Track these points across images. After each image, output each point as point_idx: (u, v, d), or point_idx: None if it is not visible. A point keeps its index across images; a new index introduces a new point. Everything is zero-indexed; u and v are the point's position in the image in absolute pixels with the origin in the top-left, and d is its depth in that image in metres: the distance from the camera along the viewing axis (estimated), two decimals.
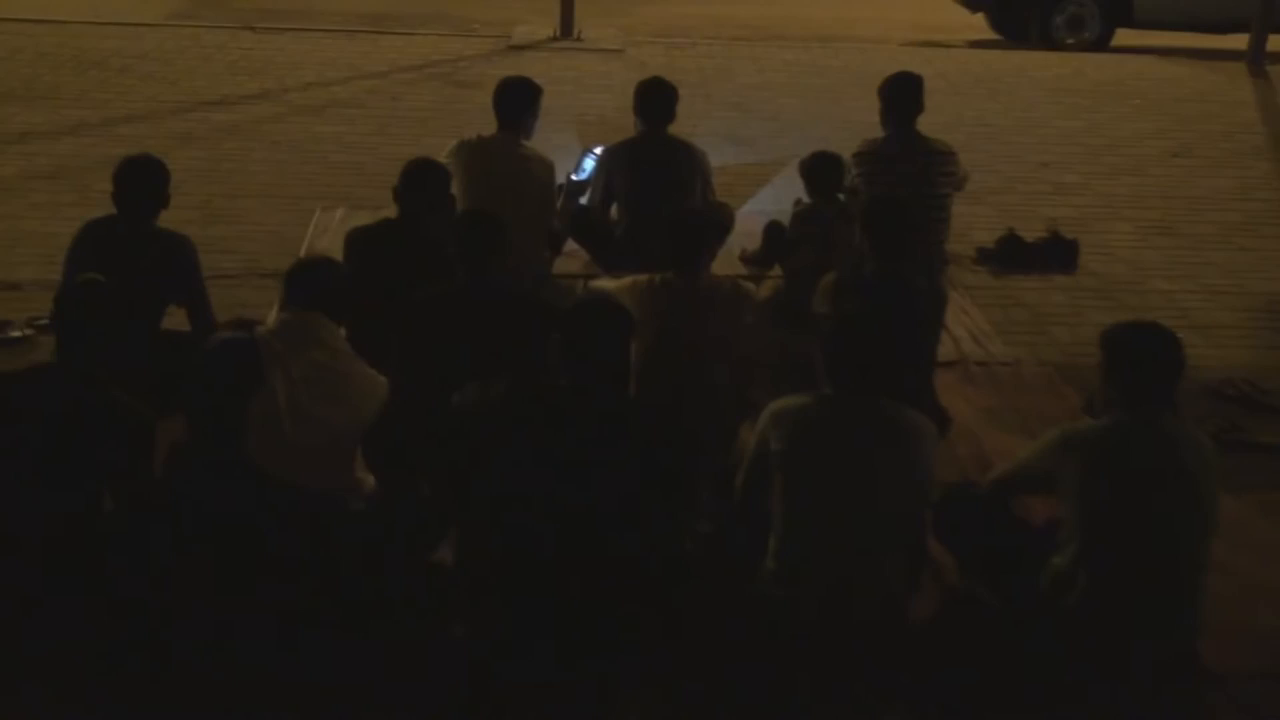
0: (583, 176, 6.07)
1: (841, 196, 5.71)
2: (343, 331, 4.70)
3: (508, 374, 3.59)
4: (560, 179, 5.92)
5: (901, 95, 5.71)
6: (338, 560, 3.44)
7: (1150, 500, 3.37)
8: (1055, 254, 6.45)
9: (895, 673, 3.41)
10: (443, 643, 3.49)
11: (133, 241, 4.54)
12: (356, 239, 4.83)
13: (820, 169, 5.67)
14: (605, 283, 4.64)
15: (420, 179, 4.79)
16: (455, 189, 5.43)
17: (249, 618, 3.29)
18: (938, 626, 3.67)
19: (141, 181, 4.59)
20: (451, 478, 3.79)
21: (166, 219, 6.36)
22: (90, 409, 3.38)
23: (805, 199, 5.77)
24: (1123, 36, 11.90)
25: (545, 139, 6.11)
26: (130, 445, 3.43)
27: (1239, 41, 11.29)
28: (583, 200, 5.92)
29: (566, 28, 10.98)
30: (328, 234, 6.36)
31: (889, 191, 5.54)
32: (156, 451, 3.51)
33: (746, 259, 6.18)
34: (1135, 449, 3.41)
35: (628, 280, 4.43)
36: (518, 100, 5.61)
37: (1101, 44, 11.76)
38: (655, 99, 5.75)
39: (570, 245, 5.97)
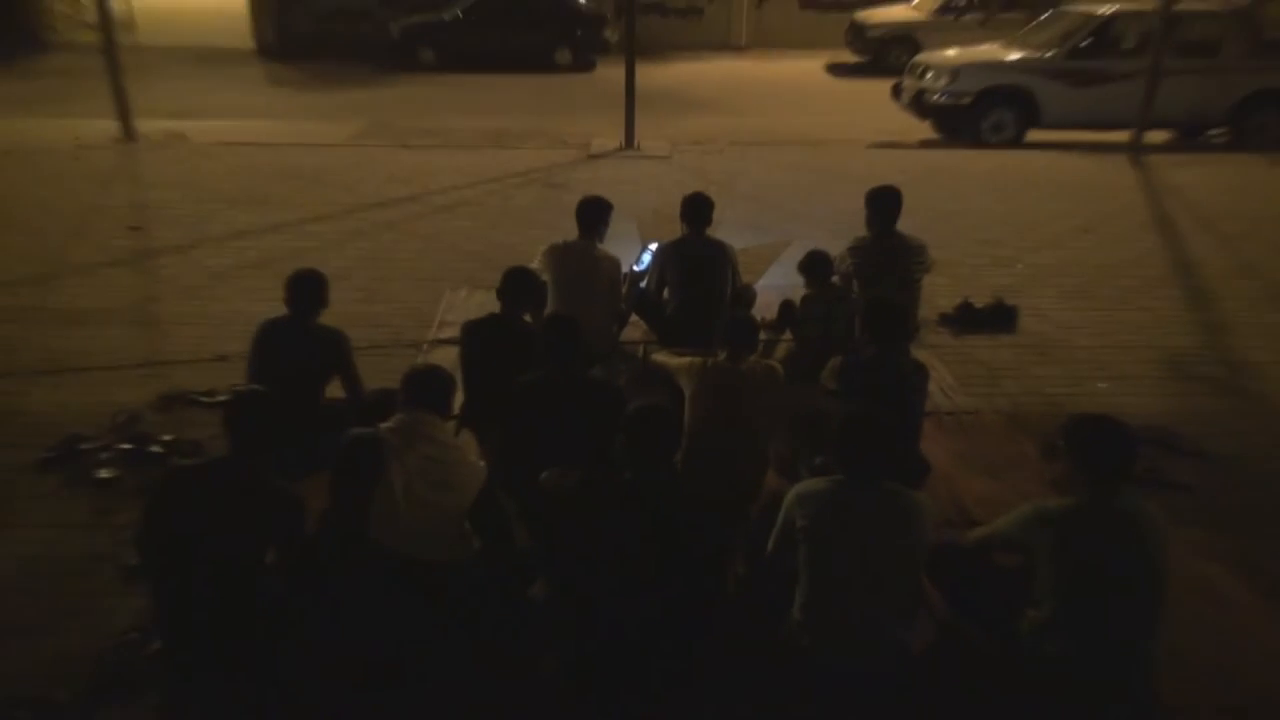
0: (642, 267, 5.46)
1: (835, 279, 5.08)
2: (459, 400, 4.25)
3: (584, 463, 3.05)
4: (625, 268, 5.33)
5: (884, 204, 5.02)
6: (449, 609, 2.94)
7: (1113, 567, 2.78)
8: (1000, 318, 5.75)
9: (904, 706, 2.84)
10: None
11: (299, 336, 4.03)
12: (468, 330, 4.29)
13: (815, 265, 5.03)
14: (665, 358, 4.06)
15: (516, 284, 4.24)
16: (547, 280, 4.91)
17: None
18: (934, 656, 3.07)
19: (306, 290, 4.08)
20: (540, 539, 3.29)
21: (340, 299, 5.91)
22: (253, 497, 2.89)
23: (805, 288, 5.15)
24: (1033, 135, 11.03)
25: (614, 228, 5.47)
26: (284, 524, 2.93)
27: (1117, 135, 10.45)
28: (642, 285, 5.31)
29: (630, 139, 10.39)
30: (454, 309, 5.83)
31: (875, 276, 4.92)
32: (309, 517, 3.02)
33: (765, 326, 5.53)
34: (1098, 526, 2.81)
35: (685, 360, 3.87)
36: (594, 214, 5.05)
37: (1018, 141, 10.93)
38: (697, 210, 5.12)
39: (633, 319, 5.38)
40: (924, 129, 11.66)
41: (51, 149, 9.66)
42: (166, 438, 4.27)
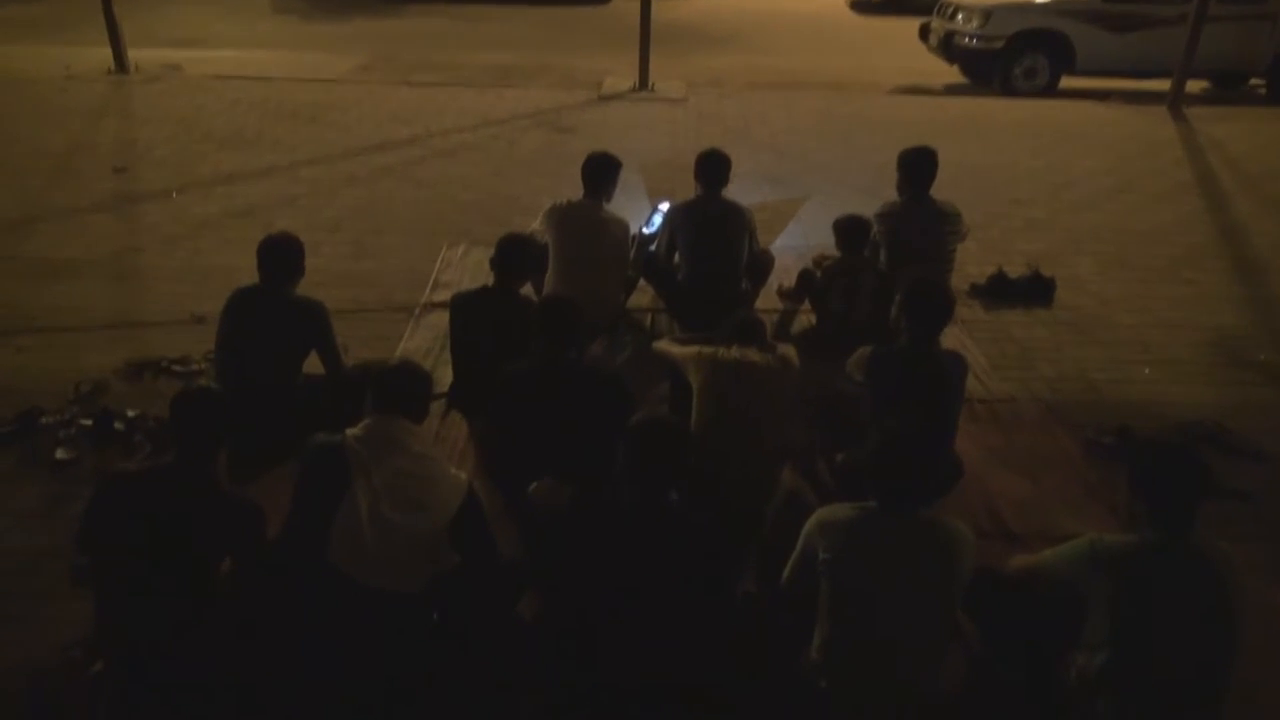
0: (652, 230, 4.96)
1: (865, 251, 4.61)
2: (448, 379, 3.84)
3: (579, 462, 2.64)
4: (634, 230, 4.84)
5: (918, 167, 4.51)
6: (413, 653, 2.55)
7: (1181, 622, 2.35)
8: (1036, 290, 5.22)
9: None
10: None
11: (272, 309, 3.59)
12: (458, 305, 3.85)
13: (852, 229, 4.59)
14: (668, 346, 3.60)
15: (511, 255, 3.77)
16: (549, 243, 4.44)
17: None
18: (966, 699, 2.69)
19: (279, 258, 3.61)
20: (530, 546, 2.89)
21: (328, 254, 5.50)
22: (201, 508, 2.49)
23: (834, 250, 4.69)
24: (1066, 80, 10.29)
25: (623, 178, 4.92)
26: (238, 535, 2.54)
27: (1154, 84, 9.73)
28: (651, 248, 4.82)
29: (644, 79, 9.72)
30: (451, 268, 5.36)
31: (905, 247, 4.45)
32: (271, 524, 2.63)
33: (783, 294, 5.09)
34: (1165, 571, 2.38)
35: (693, 350, 3.41)
36: (601, 173, 4.52)
37: (1051, 89, 10.21)
38: (712, 168, 4.60)
39: (641, 283, 4.91)
40: (951, 73, 10.93)
41: (42, 79, 9.10)
42: (131, 413, 3.87)
